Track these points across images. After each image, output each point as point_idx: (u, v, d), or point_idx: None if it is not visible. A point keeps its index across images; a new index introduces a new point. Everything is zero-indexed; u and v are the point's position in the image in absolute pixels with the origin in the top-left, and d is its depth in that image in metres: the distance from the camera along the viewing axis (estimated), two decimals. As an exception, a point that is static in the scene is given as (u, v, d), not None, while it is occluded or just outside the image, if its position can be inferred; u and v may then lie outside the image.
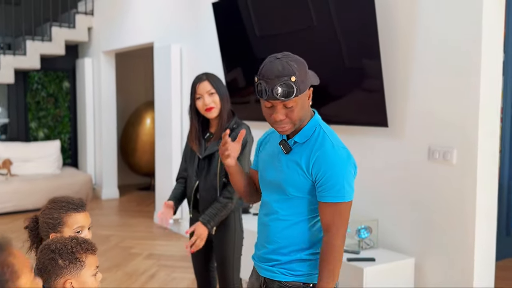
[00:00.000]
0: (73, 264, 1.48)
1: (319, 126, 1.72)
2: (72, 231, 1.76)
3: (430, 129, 2.91)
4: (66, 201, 1.80)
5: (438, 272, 2.90)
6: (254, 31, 3.92)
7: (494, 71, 2.73)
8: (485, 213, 2.76)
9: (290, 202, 1.72)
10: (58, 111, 7.63)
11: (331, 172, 1.63)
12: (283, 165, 1.73)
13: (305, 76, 1.62)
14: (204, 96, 2.49)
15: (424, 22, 2.90)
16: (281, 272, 1.74)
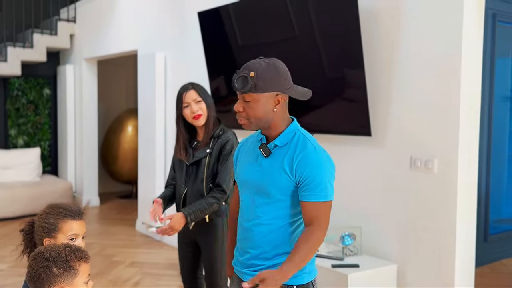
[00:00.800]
0: (67, 272, 1.49)
1: (298, 131, 1.79)
2: (66, 238, 1.78)
3: (412, 139, 2.99)
4: (64, 208, 1.81)
5: (420, 278, 2.97)
6: (237, 40, 3.98)
7: (473, 84, 2.83)
8: (465, 221, 2.85)
9: (272, 206, 1.76)
10: (38, 118, 7.56)
11: (315, 173, 1.70)
12: (264, 169, 1.78)
13: (269, 78, 1.69)
14: (191, 104, 2.54)
15: (407, 35, 2.99)
16: None
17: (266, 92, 1.72)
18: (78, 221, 1.82)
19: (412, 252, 3.00)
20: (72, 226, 1.79)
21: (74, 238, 1.79)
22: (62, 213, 1.80)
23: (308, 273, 1.80)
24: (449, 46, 2.79)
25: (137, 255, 4.89)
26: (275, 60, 1.76)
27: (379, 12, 3.13)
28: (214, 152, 2.55)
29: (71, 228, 1.79)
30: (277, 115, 1.77)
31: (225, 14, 4.02)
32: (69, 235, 1.78)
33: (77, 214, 1.83)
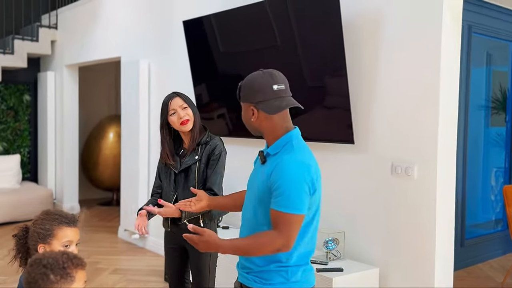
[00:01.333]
0: (64, 279, 1.51)
1: (290, 141, 1.82)
2: (60, 244, 1.81)
3: (393, 146, 3.10)
4: (59, 214, 1.85)
5: (401, 280, 3.06)
6: (219, 49, 4.06)
7: (451, 94, 2.95)
8: (443, 226, 2.96)
9: (257, 210, 1.83)
10: (18, 124, 7.49)
11: (281, 181, 1.72)
12: (258, 176, 1.87)
13: (246, 91, 1.84)
14: (177, 110, 2.60)
15: (388, 45, 3.10)
16: (253, 280, 1.84)
17: (243, 102, 1.88)
18: (73, 228, 1.86)
19: (394, 256, 3.10)
20: (67, 233, 1.83)
21: (68, 245, 1.83)
22: (57, 219, 1.84)
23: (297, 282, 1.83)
24: (428, 57, 2.91)
25: (120, 262, 4.89)
26: (259, 74, 1.84)
27: (361, 23, 3.24)
28: (203, 158, 2.61)
29: (66, 235, 1.83)
30: (259, 124, 1.85)
31: (208, 23, 4.09)
32: (63, 241, 1.82)
33: (72, 221, 1.86)
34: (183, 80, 4.72)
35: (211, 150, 2.61)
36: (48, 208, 1.93)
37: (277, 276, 1.81)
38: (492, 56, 5.04)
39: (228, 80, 4.09)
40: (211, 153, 2.60)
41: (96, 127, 7.62)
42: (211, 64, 4.18)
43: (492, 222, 5.27)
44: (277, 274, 1.81)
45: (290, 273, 1.81)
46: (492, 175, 5.25)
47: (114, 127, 7.38)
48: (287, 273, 1.81)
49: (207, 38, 4.14)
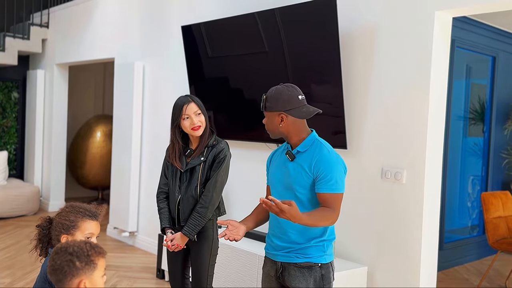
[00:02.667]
0: (88, 266, 1.61)
1: (316, 140, 2.27)
2: (83, 236, 1.93)
3: (383, 152, 3.29)
4: (84, 208, 1.97)
5: (388, 279, 3.25)
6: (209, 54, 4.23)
7: (439, 104, 3.16)
8: (429, 228, 3.16)
9: (297, 199, 2.19)
10: (5, 121, 7.49)
11: (328, 170, 2.15)
12: (290, 170, 2.23)
13: (276, 101, 2.19)
14: (191, 116, 2.73)
15: (381, 56, 3.30)
16: (295, 256, 2.22)
17: (271, 111, 2.22)
18: (95, 221, 1.98)
19: (382, 255, 3.29)
20: (89, 225, 1.95)
21: (90, 237, 1.95)
22: (82, 212, 1.96)
23: (329, 255, 2.25)
24: (419, 68, 3.11)
25: (111, 259, 4.98)
26: (285, 87, 2.23)
27: (355, 34, 3.43)
28: (208, 160, 2.75)
29: (88, 227, 1.95)
30: (286, 129, 2.23)
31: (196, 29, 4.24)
32: (86, 233, 1.94)
33: (95, 215, 1.99)
34: (178, 82, 4.85)
35: (216, 153, 2.75)
36: (72, 202, 2.04)
37: (317, 250, 2.21)
38: (472, 69, 5.31)
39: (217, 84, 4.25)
40: (216, 156, 2.74)
41: (83, 126, 7.66)
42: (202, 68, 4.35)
43: (468, 228, 5.52)
44: (316, 248, 2.21)
45: (325, 247, 2.22)
46: (469, 183, 5.51)
47: (101, 126, 7.43)
48: (323, 246, 2.22)
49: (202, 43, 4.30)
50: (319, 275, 2.21)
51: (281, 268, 2.26)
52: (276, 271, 2.28)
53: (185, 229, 2.71)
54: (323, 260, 2.22)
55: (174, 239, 2.72)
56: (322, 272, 2.22)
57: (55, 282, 1.62)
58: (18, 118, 7.61)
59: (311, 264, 2.20)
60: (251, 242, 3.70)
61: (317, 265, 2.21)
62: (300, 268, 2.21)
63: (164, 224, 2.80)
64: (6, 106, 7.49)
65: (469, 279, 4.75)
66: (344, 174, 2.22)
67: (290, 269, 2.23)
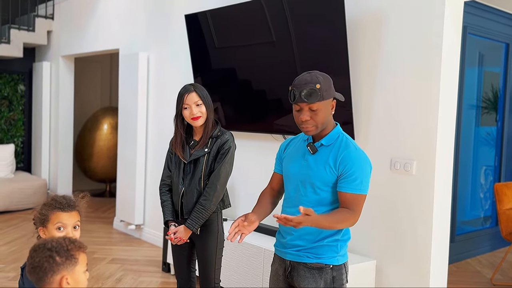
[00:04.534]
0: (69, 261, 1.55)
1: (342, 134, 2.11)
2: (53, 227, 1.90)
3: (392, 143, 3.19)
4: (55, 199, 1.94)
5: (397, 273, 3.16)
6: (214, 43, 4.14)
7: (450, 92, 3.05)
8: (440, 220, 3.06)
9: (316, 195, 2.06)
10: (12, 114, 7.47)
11: (354, 169, 2.00)
12: (310, 163, 2.08)
13: (329, 87, 2.02)
14: (191, 106, 2.64)
15: (389, 44, 3.19)
16: (306, 256, 2.08)
17: (328, 99, 2.03)
18: (67, 212, 1.92)
19: (390, 249, 3.20)
20: (59, 216, 1.91)
21: (62, 227, 1.90)
22: (52, 205, 1.93)
23: (342, 256, 2.11)
24: (429, 55, 3.00)
25: (117, 252, 4.94)
26: (319, 72, 2.05)
27: (361, 22, 3.32)
28: (212, 152, 2.67)
29: (57, 218, 1.90)
30: (331, 117, 2.09)
31: (209, 17, 4.14)
32: (56, 224, 1.90)
33: (67, 205, 1.93)
34: (183, 73, 4.77)
35: (221, 144, 2.67)
36: (54, 194, 2.02)
37: (329, 251, 2.06)
38: (485, 56, 5.16)
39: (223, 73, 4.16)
40: (221, 147, 2.66)
41: (90, 118, 7.63)
42: (208, 58, 4.25)
43: (481, 219, 5.40)
44: (329, 248, 2.07)
45: (339, 247, 2.08)
46: (481, 173, 5.38)
47: (108, 119, 7.39)
48: (337, 247, 2.07)
49: (209, 33, 4.20)
50: (330, 277, 2.07)
51: (290, 267, 2.14)
52: (284, 270, 2.16)
53: (188, 222, 2.63)
54: (335, 262, 2.08)
55: (177, 232, 2.65)
56: (333, 274, 2.08)
57: (35, 282, 1.54)
58: (25, 111, 7.59)
59: (322, 265, 2.07)
60: (258, 236, 3.62)
61: (328, 266, 2.07)
62: (310, 268, 2.07)
63: (167, 217, 2.73)
64: (13, 99, 7.47)
65: (482, 271, 4.64)
66: (369, 175, 2.07)
67: (299, 269, 2.10)
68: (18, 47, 6.77)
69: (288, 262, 2.14)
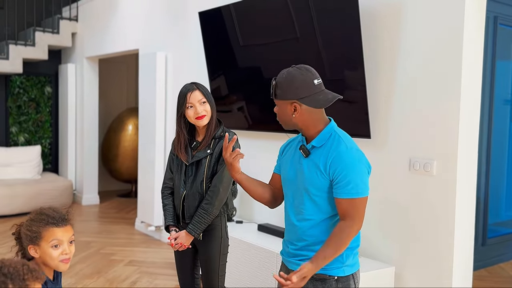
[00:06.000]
0: None
1: (334, 132, 1.92)
2: (49, 245, 1.77)
3: (411, 141, 3.00)
4: (47, 214, 1.80)
5: (418, 280, 2.97)
6: (238, 40, 3.99)
7: (474, 87, 2.83)
8: (463, 224, 2.85)
9: (312, 202, 1.91)
10: (39, 116, 7.57)
11: (346, 171, 1.82)
12: (304, 168, 1.92)
13: (284, 87, 1.85)
14: (195, 105, 2.53)
15: (407, 37, 3.00)
16: None
17: (283, 99, 1.88)
18: (62, 227, 1.79)
19: (410, 254, 3.01)
20: (54, 233, 1.77)
21: (58, 245, 1.78)
22: (44, 220, 1.79)
23: (350, 266, 1.93)
24: (450, 48, 2.80)
25: (135, 254, 4.89)
26: (297, 70, 1.87)
27: (379, 14, 3.14)
28: (214, 153, 2.55)
29: (53, 235, 1.77)
30: (300, 120, 1.89)
31: (226, 13, 4.02)
32: (51, 242, 1.77)
33: (61, 221, 1.80)
34: (200, 72, 4.67)
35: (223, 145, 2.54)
36: (40, 207, 1.88)
37: (333, 261, 1.88)
38: (519, 48, 4.87)
39: (247, 72, 4.02)
40: None
41: (115, 119, 7.66)
42: (229, 55, 4.12)
43: (516, 220, 5.11)
44: (334, 259, 1.88)
45: (345, 257, 1.91)
46: (517, 172, 5.08)
47: (133, 119, 7.40)
48: (342, 257, 1.90)
49: (224, 30, 4.08)
50: None
51: None
52: None
53: (190, 227, 2.52)
54: (340, 273, 1.91)
55: (178, 237, 2.55)
56: (338, 286, 1.91)
57: None
58: (52, 113, 7.68)
59: (325, 276, 1.90)
60: (269, 238, 3.49)
61: (332, 278, 1.91)
62: (313, 280, 1.90)
63: (168, 222, 2.63)
64: (40, 101, 7.56)
65: (516, 277, 4.37)
66: (367, 174, 1.88)
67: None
68: (43, 49, 6.84)
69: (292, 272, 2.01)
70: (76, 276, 4.20)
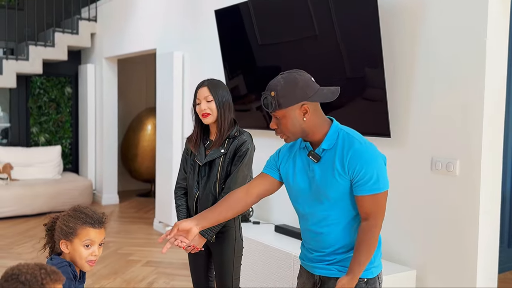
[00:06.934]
0: None
1: (341, 130, 1.86)
2: (81, 244, 1.80)
3: (433, 140, 2.89)
4: (86, 213, 1.82)
5: (440, 284, 2.86)
6: (256, 39, 3.92)
7: (498, 82, 2.71)
8: (488, 225, 2.74)
9: (337, 206, 1.85)
10: (59, 116, 7.63)
11: (366, 168, 1.78)
12: (317, 174, 1.85)
13: (289, 93, 1.77)
14: (202, 102, 2.49)
15: (427, 32, 2.89)
16: (337, 270, 1.88)
17: (290, 106, 1.79)
18: (97, 229, 1.82)
19: (432, 257, 2.90)
20: (89, 232, 1.81)
21: (90, 245, 1.81)
22: (82, 218, 1.81)
23: (376, 267, 1.90)
24: (472, 42, 2.69)
25: (153, 254, 4.87)
26: (293, 73, 1.82)
27: (399, 10, 3.04)
28: (228, 153, 2.49)
29: (87, 234, 1.80)
30: (310, 122, 1.83)
31: (245, 11, 3.96)
32: (84, 241, 1.80)
33: (98, 222, 1.83)
34: (217, 71, 4.62)
35: (238, 145, 2.48)
36: (78, 205, 1.91)
37: None
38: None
39: (265, 71, 3.95)
40: (238, 149, 2.47)
41: (135, 119, 7.67)
42: (247, 54, 4.05)
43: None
44: None
45: (373, 257, 1.86)
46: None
47: (152, 119, 7.41)
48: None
49: (242, 27, 4.01)
50: None
51: (319, 282, 1.93)
52: (313, 285, 1.96)
53: (203, 230, 2.46)
54: (369, 275, 1.87)
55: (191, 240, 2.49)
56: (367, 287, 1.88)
57: None
58: (72, 113, 7.73)
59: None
60: (286, 239, 3.42)
61: (362, 280, 1.86)
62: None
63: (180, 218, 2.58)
64: (60, 101, 7.62)
65: (545, 280, 4.21)
66: (385, 167, 1.84)
67: (330, 284, 1.89)
68: (62, 50, 6.88)
69: (318, 277, 1.94)
70: (93, 276, 4.19)
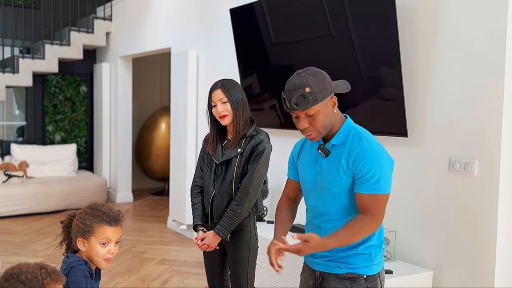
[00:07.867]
0: None
1: (353, 128, 1.89)
2: (98, 242, 1.82)
3: (451, 140, 2.86)
4: (103, 211, 1.83)
5: (457, 285, 2.83)
6: (271, 38, 3.90)
7: (518, 81, 2.67)
8: (507, 227, 2.70)
9: (337, 201, 1.87)
10: (75, 115, 7.68)
11: (369, 166, 1.79)
12: (324, 168, 1.89)
13: (322, 86, 1.80)
14: (217, 104, 2.49)
15: (446, 30, 2.86)
16: (337, 266, 1.90)
17: (325, 99, 1.82)
18: (114, 227, 1.84)
19: (449, 258, 2.87)
20: (106, 231, 1.82)
21: (106, 243, 1.82)
22: (99, 217, 1.82)
23: (377, 264, 1.91)
24: (491, 40, 2.64)
25: (167, 252, 4.89)
26: (313, 69, 1.85)
27: (416, 8, 3.01)
28: (245, 152, 2.49)
29: (104, 233, 1.82)
30: (335, 115, 1.88)
31: (259, 10, 3.95)
32: (101, 239, 1.82)
33: (115, 220, 1.84)
34: (232, 70, 4.62)
35: (255, 144, 2.48)
36: (95, 202, 1.93)
37: (363, 260, 1.88)
38: None
39: (280, 70, 3.94)
40: (254, 148, 2.47)
41: (149, 118, 7.71)
42: (261, 53, 4.04)
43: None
44: (362, 257, 1.88)
45: (373, 255, 1.89)
46: None
47: (166, 118, 7.43)
48: (371, 255, 1.89)
49: (257, 26, 4.00)
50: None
51: (320, 278, 1.97)
52: (314, 281, 1.99)
53: (218, 228, 2.47)
54: (369, 272, 1.90)
55: (205, 238, 2.49)
56: (367, 285, 1.90)
57: None
58: (87, 112, 7.78)
59: (355, 275, 1.89)
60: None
61: (362, 277, 1.89)
62: (342, 279, 1.90)
63: (196, 221, 2.59)
64: (76, 100, 7.68)
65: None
66: (390, 171, 1.85)
67: (330, 279, 1.92)
68: (78, 49, 6.93)
69: (318, 273, 1.98)
70: (107, 274, 4.22)
